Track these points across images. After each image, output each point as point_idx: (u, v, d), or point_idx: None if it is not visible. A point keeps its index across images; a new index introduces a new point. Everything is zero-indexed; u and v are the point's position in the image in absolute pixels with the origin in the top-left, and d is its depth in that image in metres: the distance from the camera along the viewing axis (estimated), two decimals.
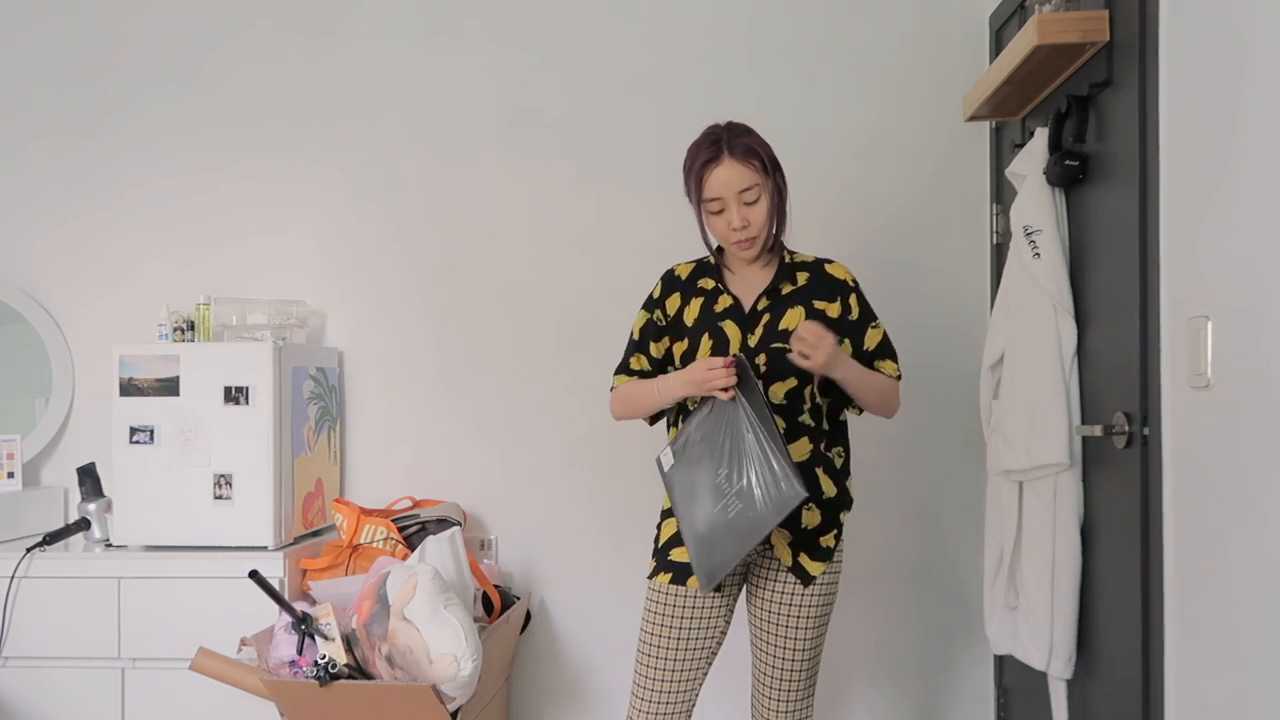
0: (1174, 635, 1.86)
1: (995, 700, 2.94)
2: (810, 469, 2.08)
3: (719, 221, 2.07)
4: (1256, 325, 1.60)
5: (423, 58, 3.08)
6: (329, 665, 2.20)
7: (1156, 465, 1.90)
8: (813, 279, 2.15)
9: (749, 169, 2.02)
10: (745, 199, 2.03)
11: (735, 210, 2.03)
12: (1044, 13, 2.17)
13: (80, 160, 3.15)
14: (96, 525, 2.84)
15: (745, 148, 2.03)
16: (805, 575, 2.07)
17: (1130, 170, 1.98)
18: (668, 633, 2.08)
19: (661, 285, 2.21)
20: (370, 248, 3.09)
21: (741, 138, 2.04)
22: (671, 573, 2.08)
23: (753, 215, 2.05)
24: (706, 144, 2.05)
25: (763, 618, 2.13)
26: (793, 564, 2.07)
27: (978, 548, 2.88)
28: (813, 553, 2.08)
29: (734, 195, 2.03)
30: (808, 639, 2.10)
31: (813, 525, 2.09)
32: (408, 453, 3.07)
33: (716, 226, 2.08)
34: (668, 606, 2.08)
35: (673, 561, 2.08)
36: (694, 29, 3.04)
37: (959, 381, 2.94)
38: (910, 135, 2.99)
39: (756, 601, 2.14)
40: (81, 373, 3.14)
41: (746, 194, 2.03)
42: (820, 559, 2.08)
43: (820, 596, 2.10)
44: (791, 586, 2.08)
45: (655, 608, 2.10)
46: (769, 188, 2.06)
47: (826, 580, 2.10)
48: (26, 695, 2.69)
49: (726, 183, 2.02)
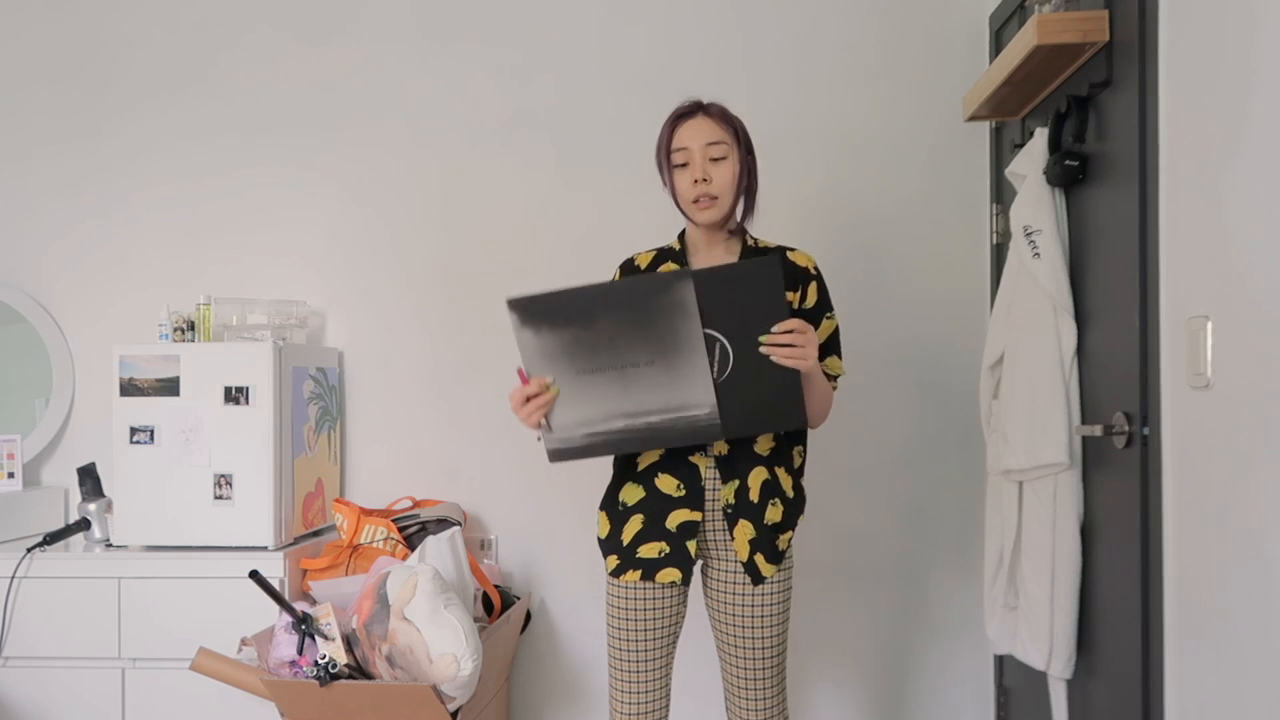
0: (1174, 635, 1.86)
1: (995, 700, 2.94)
2: (771, 465, 2.08)
3: (683, 177, 2.08)
4: (1256, 325, 1.60)
5: (421, 61, 3.09)
6: (329, 665, 2.21)
7: (1156, 465, 1.90)
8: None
9: (721, 128, 2.07)
10: (711, 154, 2.06)
11: (699, 163, 2.05)
12: (1044, 13, 2.17)
13: (81, 162, 3.15)
14: (96, 525, 2.85)
15: (721, 111, 2.10)
16: (757, 574, 2.07)
17: (1130, 170, 1.99)
18: (639, 626, 2.09)
19: (620, 273, 2.21)
20: (370, 247, 3.10)
21: (719, 106, 2.11)
22: (641, 569, 2.09)
23: (716, 173, 2.06)
24: (686, 104, 2.12)
25: (724, 621, 2.13)
26: (747, 560, 2.07)
27: (978, 548, 2.88)
28: (769, 554, 2.08)
29: (700, 147, 2.05)
30: (770, 637, 2.10)
31: (774, 521, 2.08)
32: (408, 453, 3.07)
33: (680, 185, 2.09)
34: (636, 601, 2.09)
35: (640, 559, 2.09)
36: (691, 30, 3.04)
37: (959, 381, 2.94)
38: (910, 135, 2.99)
39: (713, 603, 2.14)
40: (82, 373, 3.14)
41: (713, 149, 2.05)
42: (774, 561, 2.08)
43: (776, 594, 2.10)
44: (744, 586, 2.08)
45: (624, 604, 2.10)
46: (738, 155, 2.08)
47: (779, 579, 2.10)
48: (26, 695, 2.69)
49: (695, 134, 2.06)
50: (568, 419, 1.97)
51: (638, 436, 1.97)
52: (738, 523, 2.07)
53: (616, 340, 1.91)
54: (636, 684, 2.11)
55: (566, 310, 1.91)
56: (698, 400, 1.93)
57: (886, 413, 2.98)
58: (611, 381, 1.94)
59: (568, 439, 1.99)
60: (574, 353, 1.93)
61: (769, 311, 1.89)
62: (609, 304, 1.90)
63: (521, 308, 1.92)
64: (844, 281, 2.84)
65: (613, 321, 1.90)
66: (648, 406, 1.94)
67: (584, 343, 1.92)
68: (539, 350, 1.95)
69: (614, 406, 1.95)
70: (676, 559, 2.07)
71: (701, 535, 2.11)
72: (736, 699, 2.15)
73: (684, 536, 2.07)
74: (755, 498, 2.07)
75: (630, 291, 1.91)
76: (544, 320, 1.92)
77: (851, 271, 2.94)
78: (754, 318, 1.89)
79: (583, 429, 1.97)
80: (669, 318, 1.89)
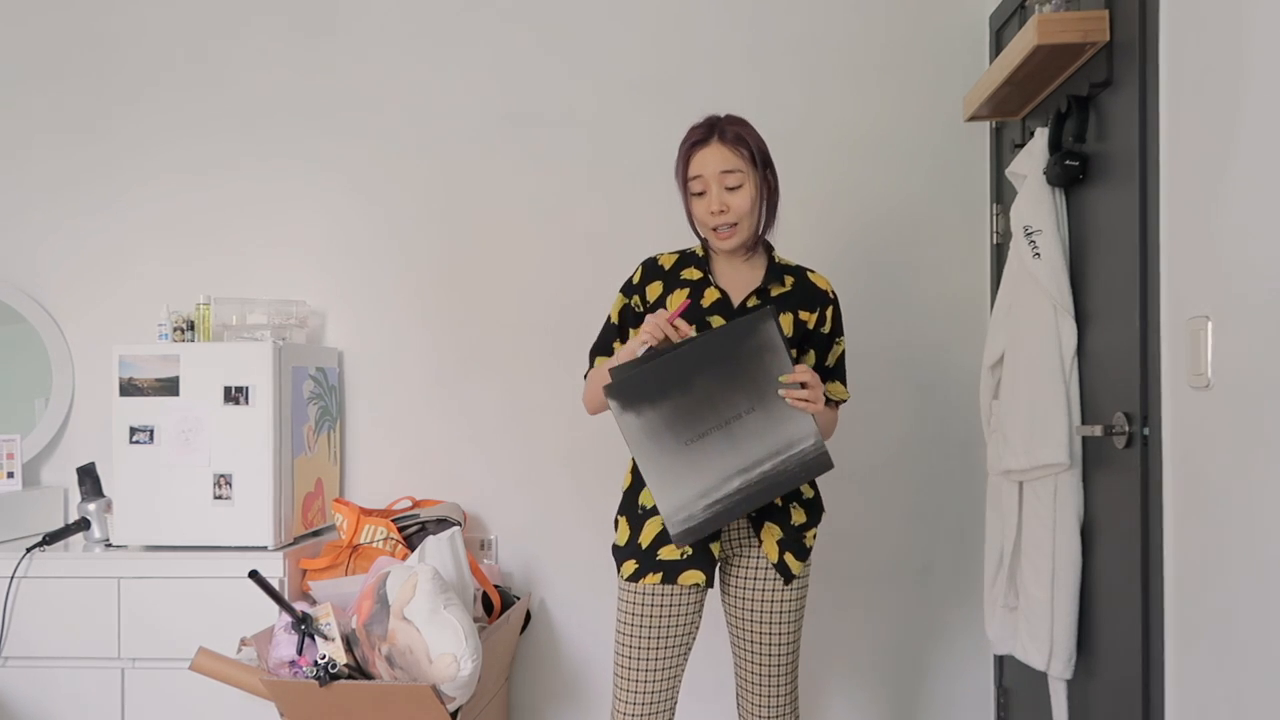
0: (1174, 635, 1.86)
1: (995, 700, 2.94)
2: None
3: (700, 206, 2.08)
4: (1256, 325, 1.60)
5: (424, 56, 3.08)
6: (329, 665, 2.20)
7: (1156, 465, 1.90)
8: (797, 285, 2.15)
9: (735, 154, 2.05)
10: (727, 183, 2.05)
11: (715, 193, 2.05)
12: (1044, 13, 2.17)
13: (80, 160, 3.15)
14: (96, 525, 2.84)
15: (735, 135, 2.06)
16: (788, 573, 2.08)
17: (1130, 170, 1.98)
18: (655, 633, 2.08)
19: (642, 270, 2.20)
20: (370, 247, 3.10)
21: (734, 126, 2.08)
22: (661, 572, 2.07)
23: (733, 201, 2.05)
24: (700, 127, 2.09)
25: (743, 617, 2.13)
26: (779, 561, 2.08)
27: (978, 548, 2.88)
28: (797, 551, 2.09)
29: (715, 176, 2.05)
30: (790, 634, 2.12)
31: (799, 521, 2.10)
32: (408, 453, 3.07)
33: (698, 211, 2.10)
34: (654, 607, 2.08)
35: (662, 561, 2.07)
36: (695, 28, 3.04)
37: (959, 381, 2.94)
38: (910, 135, 2.99)
39: (735, 600, 2.14)
40: (81, 373, 3.14)
41: (728, 177, 2.05)
42: (801, 558, 2.10)
43: (798, 592, 2.12)
44: (773, 584, 2.09)
45: (639, 609, 2.08)
46: (755, 179, 2.07)
47: (803, 577, 2.13)
48: (26, 695, 2.69)
49: (709, 163, 2.05)
50: (685, 494, 1.95)
51: (756, 489, 1.95)
52: (763, 525, 2.09)
53: (714, 397, 1.92)
54: (643, 693, 2.10)
55: (662, 381, 1.91)
56: (802, 433, 1.94)
57: (887, 413, 2.98)
58: (719, 441, 1.93)
59: (690, 515, 1.95)
60: (676, 423, 1.93)
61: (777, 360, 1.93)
62: (701, 361, 1.91)
63: (621, 393, 1.92)
64: (844, 281, 2.83)
65: (707, 378, 1.91)
66: (758, 455, 1.94)
67: (684, 409, 1.92)
68: (643, 430, 1.93)
69: (728, 465, 1.94)
70: (700, 561, 2.07)
71: (726, 537, 2.11)
72: (749, 695, 2.16)
73: (707, 539, 2.07)
74: (779, 501, 2.09)
75: (719, 343, 1.92)
76: (643, 399, 1.92)
77: (851, 271, 2.93)
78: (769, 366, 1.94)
79: (702, 500, 1.95)
80: (759, 359, 1.91)
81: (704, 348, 1.92)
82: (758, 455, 1.93)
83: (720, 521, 1.96)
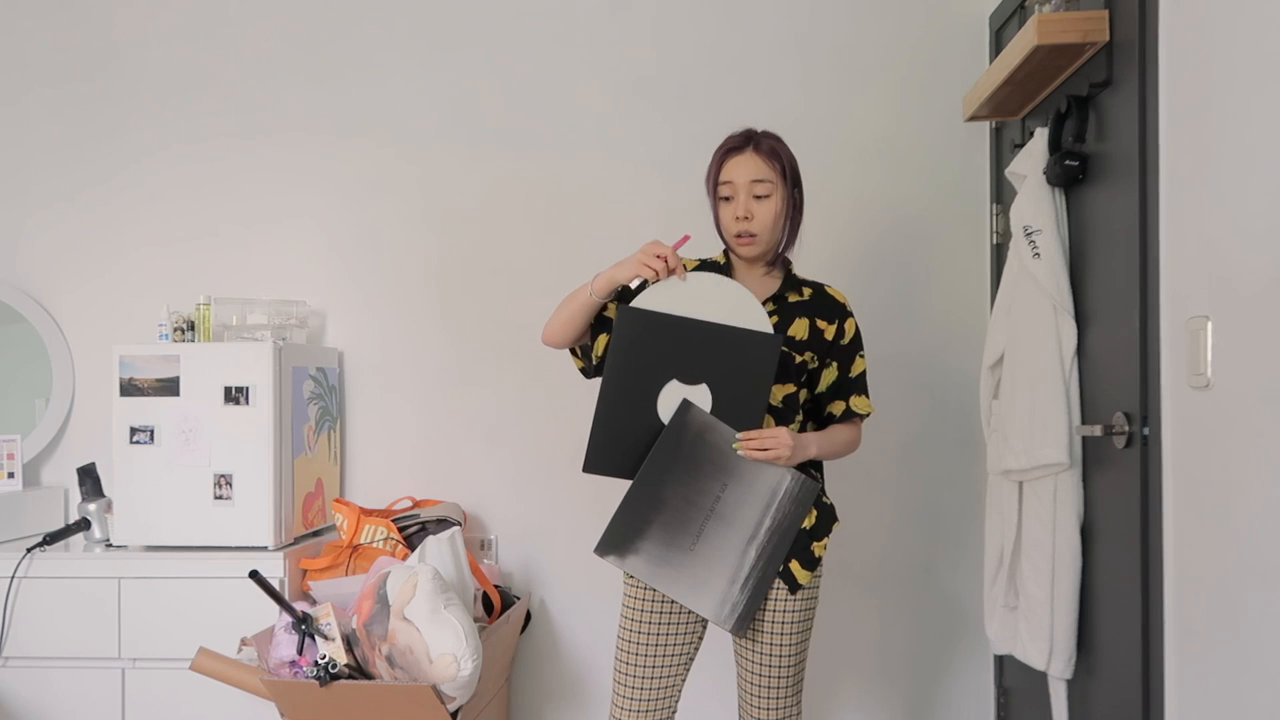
0: (1174, 635, 1.86)
1: (995, 700, 2.94)
2: (805, 471, 2.11)
3: (726, 211, 2.11)
4: (1256, 325, 1.60)
5: (422, 60, 3.08)
6: (329, 665, 2.20)
7: (1156, 465, 1.90)
8: (815, 296, 2.17)
9: (768, 166, 2.08)
10: (755, 191, 2.07)
11: (743, 200, 2.07)
12: (1044, 13, 2.17)
13: (80, 160, 3.15)
14: (96, 525, 2.84)
15: (770, 149, 2.10)
16: (794, 583, 2.07)
17: (1130, 170, 1.99)
18: (654, 629, 2.08)
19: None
20: (371, 247, 3.09)
21: (771, 140, 2.12)
22: None
23: (759, 210, 2.07)
24: (738, 136, 2.12)
25: (750, 628, 2.12)
26: (784, 569, 2.07)
27: (978, 548, 2.88)
28: (804, 560, 2.08)
29: (745, 184, 2.07)
30: (795, 645, 2.10)
31: (809, 526, 2.09)
32: (408, 453, 3.07)
33: (723, 218, 2.12)
34: (648, 603, 2.09)
35: None
36: (691, 31, 3.04)
37: (959, 381, 2.94)
38: (910, 135, 2.99)
39: None
40: (81, 373, 3.14)
41: (758, 186, 2.07)
42: (809, 567, 2.08)
43: (805, 602, 2.10)
44: (777, 593, 2.08)
45: (643, 605, 2.09)
46: (783, 193, 2.09)
47: (812, 587, 2.11)
48: (26, 695, 2.69)
49: (741, 170, 2.08)
50: (720, 589, 2.04)
51: (774, 545, 2.04)
52: None
53: (689, 496, 2.01)
54: (643, 695, 2.09)
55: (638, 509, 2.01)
56: (776, 477, 2.03)
57: (887, 413, 2.97)
58: (716, 528, 2.02)
59: (735, 604, 2.03)
60: (671, 538, 2.02)
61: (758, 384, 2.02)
62: (665, 467, 2.00)
63: (610, 544, 2.03)
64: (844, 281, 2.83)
65: (672, 487, 2.01)
66: (755, 518, 2.03)
67: (671, 523, 2.03)
68: (651, 564, 2.03)
69: (737, 542, 2.02)
70: None
71: None
72: (750, 702, 2.14)
73: None
74: None
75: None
76: (632, 536, 2.03)
77: (851, 271, 2.94)
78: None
79: (735, 585, 2.04)
80: (704, 442, 2.01)
81: (665, 447, 2.00)
82: (755, 518, 2.02)
83: (763, 591, 2.03)
